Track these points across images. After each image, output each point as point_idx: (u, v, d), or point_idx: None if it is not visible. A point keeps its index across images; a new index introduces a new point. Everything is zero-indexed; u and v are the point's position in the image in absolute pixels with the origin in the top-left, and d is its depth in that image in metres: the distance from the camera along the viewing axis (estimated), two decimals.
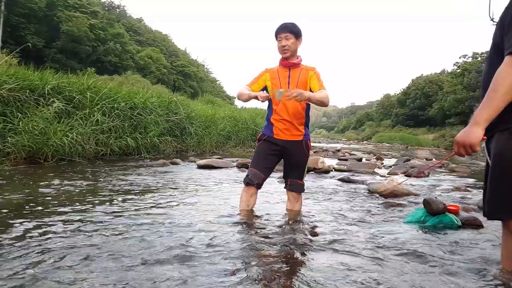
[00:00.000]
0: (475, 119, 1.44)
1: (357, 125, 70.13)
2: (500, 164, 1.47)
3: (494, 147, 1.50)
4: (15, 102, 5.65)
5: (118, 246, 1.86)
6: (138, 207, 2.86)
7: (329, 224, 2.60)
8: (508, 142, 1.44)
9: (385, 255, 1.92)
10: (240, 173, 5.39)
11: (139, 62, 41.66)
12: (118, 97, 7.21)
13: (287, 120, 2.63)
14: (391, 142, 34.17)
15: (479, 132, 1.42)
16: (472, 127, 1.44)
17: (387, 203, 3.44)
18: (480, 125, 1.42)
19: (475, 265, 1.85)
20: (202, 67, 60.79)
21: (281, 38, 2.57)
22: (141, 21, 55.65)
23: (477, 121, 1.43)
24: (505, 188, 1.46)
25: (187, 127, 9.01)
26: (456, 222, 2.65)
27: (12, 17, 29.23)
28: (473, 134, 1.43)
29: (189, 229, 2.26)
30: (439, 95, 42.40)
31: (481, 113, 1.42)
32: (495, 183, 1.50)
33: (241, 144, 11.47)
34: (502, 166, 1.46)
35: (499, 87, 1.38)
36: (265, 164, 2.67)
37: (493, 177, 1.50)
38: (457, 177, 6.37)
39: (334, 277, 1.60)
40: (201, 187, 4.02)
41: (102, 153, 6.37)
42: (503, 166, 1.46)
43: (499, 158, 1.47)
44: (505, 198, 1.47)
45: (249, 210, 2.70)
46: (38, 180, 3.89)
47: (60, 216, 2.44)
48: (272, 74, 2.66)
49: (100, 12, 38.82)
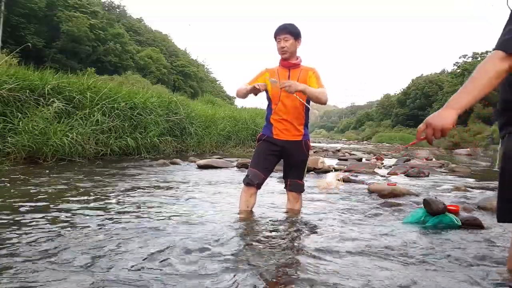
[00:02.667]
0: (451, 104, 1.39)
1: (357, 125, 70.16)
2: (508, 167, 1.46)
3: (504, 148, 1.48)
4: (15, 102, 5.65)
5: (117, 244, 1.86)
6: (136, 207, 2.86)
7: (329, 224, 2.60)
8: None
9: (385, 255, 1.92)
10: (240, 173, 5.39)
11: (139, 62, 41.65)
12: (118, 97, 7.20)
13: (287, 120, 2.63)
14: (391, 142, 34.16)
15: (454, 116, 1.37)
16: (446, 110, 1.39)
17: (387, 203, 3.43)
18: (455, 110, 1.38)
19: (475, 265, 1.84)
20: (202, 67, 60.77)
21: (280, 39, 2.58)
22: (141, 21, 55.63)
23: (452, 105, 1.39)
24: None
25: (187, 127, 9.01)
26: (456, 222, 2.65)
27: (12, 17, 29.22)
28: (448, 118, 1.37)
29: (188, 229, 2.25)
30: (439, 95, 42.40)
31: (459, 99, 1.38)
32: (503, 186, 1.48)
33: (241, 144, 11.47)
34: (509, 169, 1.45)
35: (481, 79, 1.35)
36: (265, 165, 2.67)
37: (501, 179, 1.49)
38: (457, 177, 6.37)
39: (334, 277, 1.60)
40: (201, 187, 4.02)
41: (102, 153, 6.36)
42: (510, 169, 1.45)
43: (508, 161, 1.45)
44: None
45: (249, 210, 2.70)
46: (38, 180, 3.89)
47: (60, 216, 2.44)
48: (272, 74, 2.67)
49: (100, 12, 38.81)
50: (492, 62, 1.36)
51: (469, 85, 1.37)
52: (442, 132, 1.38)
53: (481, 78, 1.35)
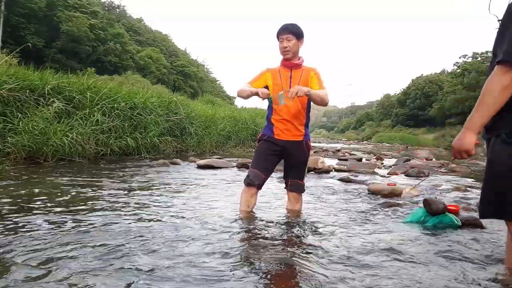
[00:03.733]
0: (468, 125, 1.50)
1: (357, 125, 70.14)
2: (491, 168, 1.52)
3: (490, 150, 1.55)
4: (15, 102, 5.65)
5: (115, 244, 1.86)
6: (136, 206, 2.86)
7: (329, 224, 2.60)
8: (499, 147, 1.48)
9: (385, 255, 1.92)
10: (240, 173, 5.39)
11: (139, 62, 41.64)
12: (118, 97, 7.20)
13: (288, 120, 2.62)
14: (391, 142, 34.17)
15: (472, 137, 1.50)
16: (465, 133, 1.52)
17: (387, 203, 3.43)
18: (473, 131, 1.50)
19: (475, 265, 1.85)
20: (202, 67, 60.77)
21: (283, 39, 2.57)
22: (141, 21, 55.64)
23: (469, 127, 1.50)
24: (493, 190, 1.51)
25: (187, 127, 9.01)
26: (456, 222, 2.65)
27: (12, 17, 29.22)
28: (467, 140, 1.51)
29: (188, 229, 2.25)
30: (439, 95, 42.42)
31: (474, 120, 1.49)
32: (485, 184, 1.56)
33: (241, 144, 11.47)
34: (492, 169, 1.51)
35: (489, 97, 1.43)
36: (265, 165, 2.67)
37: (485, 178, 1.56)
38: (457, 177, 6.37)
39: (334, 277, 1.60)
40: (201, 187, 4.02)
41: (102, 153, 6.36)
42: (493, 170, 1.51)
43: (491, 163, 1.52)
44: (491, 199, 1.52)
45: (249, 210, 2.70)
46: (38, 179, 3.89)
47: (59, 215, 2.45)
48: (273, 74, 2.66)
49: (100, 12, 38.81)
50: (494, 79, 1.41)
51: (479, 103, 1.46)
52: (467, 153, 1.54)
53: (489, 97, 1.43)
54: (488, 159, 1.53)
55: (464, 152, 1.54)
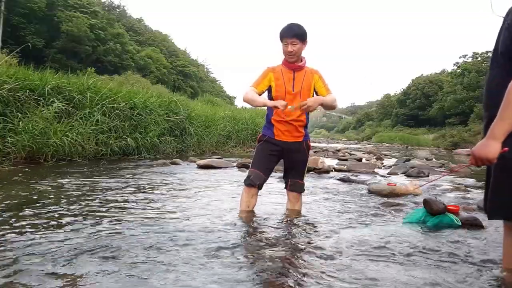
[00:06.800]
0: (493, 133, 1.44)
1: (357, 125, 70.11)
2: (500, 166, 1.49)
3: None
4: (15, 102, 5.64)
5: (116, 244, 1.86)
6: (136, 206, 2.86)
7: (329, 224, 2.60)
8: None
9: (385, 255, 1.92)
10: (240, 173, 5.39)
11: (139, 62, 41.60)
12: (118, 97, 7.20)
13: (288, 121, 2.62)
14: (391, 142, 34.14)
15: (497, 146, 1.43)
16: (489, 141, 1.44)
17: (387, 203, 3.44)
18: (498, 139, 1.43)
19: (475, 265, 1.85)
20: (202, 67, 60.71)
21: (287, 43, 2.50)
22: (141, 21, 55.59)
23: (494, 135, 1.43)
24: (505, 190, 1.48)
25: (187, 127, 9.01)
26: (456, 222, 2.65)
27: (12, 17, 29.19)
28: (491, 148, 1.44)
29: (188, 229, 2.25)
30: (439, 95, 42.39)
31: (499, 127, 1.42)
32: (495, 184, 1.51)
33: (241, 144, 11.47)
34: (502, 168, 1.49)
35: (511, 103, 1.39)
36: (266, 165, 2.67)
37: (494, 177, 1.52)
38: (457, 177, 6.37)
39: (335, 277, 1.60)
40: (201, 187, 4.02)
41: (102, 153, 6.37)
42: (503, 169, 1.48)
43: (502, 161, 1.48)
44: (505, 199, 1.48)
45: (250, 210, 2.70)
46: (38, 179, 3.89)
47: (59, 215, 2.45)
48: (276, 74, 2.63)
49: (100, 12, 38.76)
50: None
51: (503, 111, 1.41)
52: (488, 161, 1.47)
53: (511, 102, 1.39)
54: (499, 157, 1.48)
55: (486, 160, 1.47)
